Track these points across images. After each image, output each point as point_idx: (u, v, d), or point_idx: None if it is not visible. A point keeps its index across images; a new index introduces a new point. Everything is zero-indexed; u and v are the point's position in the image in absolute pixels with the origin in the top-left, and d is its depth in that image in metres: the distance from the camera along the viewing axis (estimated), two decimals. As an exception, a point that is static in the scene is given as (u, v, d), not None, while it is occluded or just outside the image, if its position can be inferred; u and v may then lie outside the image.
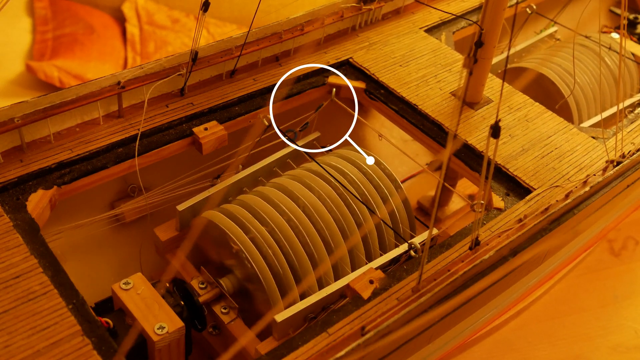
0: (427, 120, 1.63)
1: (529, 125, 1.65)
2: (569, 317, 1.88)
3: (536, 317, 1.87)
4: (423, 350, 1.38)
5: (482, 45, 1.55)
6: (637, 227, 2.15)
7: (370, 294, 1.23)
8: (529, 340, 1.82)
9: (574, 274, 2.00)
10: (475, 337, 1.72)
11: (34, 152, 1.40)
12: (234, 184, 1.53)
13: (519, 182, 1.50)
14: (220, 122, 1.54)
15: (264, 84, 1.65)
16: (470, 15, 2.00)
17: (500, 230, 1.38)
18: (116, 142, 1.45)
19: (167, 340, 1.18)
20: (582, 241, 1.79)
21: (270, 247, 1.34)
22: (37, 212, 1.30)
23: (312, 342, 1.15)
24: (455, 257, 1.31)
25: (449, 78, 1.75)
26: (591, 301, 1.93)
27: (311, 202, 1.42)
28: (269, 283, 1.32)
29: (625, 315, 1.90)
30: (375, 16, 1.90)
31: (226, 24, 2.78)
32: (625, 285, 1.99)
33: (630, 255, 2.07)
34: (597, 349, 1.81)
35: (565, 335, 1.84)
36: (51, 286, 1.15)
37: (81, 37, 2.52)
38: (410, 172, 2.08)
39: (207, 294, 1.37)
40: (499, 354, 1.77)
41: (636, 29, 2.46)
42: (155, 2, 2.76)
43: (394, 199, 1.49)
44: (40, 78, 2.35)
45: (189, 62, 1.55)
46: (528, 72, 1.99)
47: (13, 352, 1.05)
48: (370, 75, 1.72)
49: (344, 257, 1.42)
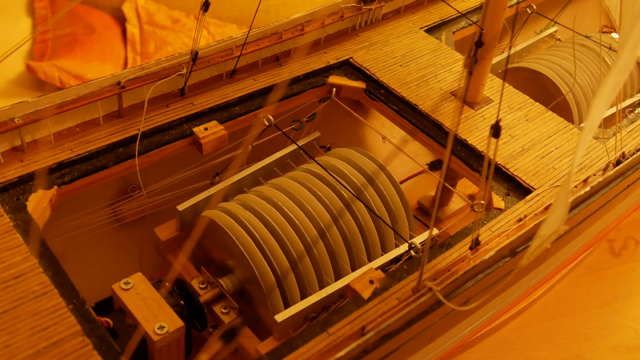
0: (427, 120, 1.63)
1: (529, 125, 1.65)
2: (569, 317, 1.88)
3: (536, 317, 1.87)
4: (423, 350, 1.38)
5: (482, 45, 1.55)
6: (637, 227, 2.15)
7: (370, 294, 1.23)
8: (529, 340, 1.82)
9: (574, 274, 2.00)
10: (475, 337, 1.72)
11: (34, 152, 1.40)
12: (234, 184, 1.53)
13: (519, 182, 1.50)
14: (221, 122, 1.54)
15: (264, 84, 1.65)
16: (471, 15, 2.00)
17: (500, 230, 1.38)
18: (116, 142, 1.45)
19: (167, 340, 1.18)
20: (582, 241, 1.79)
21: (271, 247, 1.34)
22: (37, 212, 1.30)
23: (312, 342, 1.15)
24: (455, 257, 1.31)
25: (449, 78, 1.76)
26: (591, 301, 1.93)
27: (311, 202, 1.42)
28: (268, 283, 1.32)
29: (625, 315, 1.90)
30: (376, 16, 1.90)
31: (226, 24, 2.78)
32: (625, 285, 1.98)
33: (631, 255, 2.07)
34: (597, 349, 1.81)
35: (565, 335, 1.84)
36: (51, 286, 1.15)
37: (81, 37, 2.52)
38: (411, 172, 2.08)
39: (207, 294, 1.37)
40: (499, 354, 1.77)
41: (636, 29, 2.46)
42: (155, 2, 2.76)
43: (393, 198, 1.49)
44: (41, 78, 2.35)
45: (189, 62, 1.55)
46: (528, 72, 1.99)
47: (13, 352, 1.05)
48: (371, 75, 1.72)
49: (344, 256, 1.42)
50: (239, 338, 1.31)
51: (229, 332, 1.02)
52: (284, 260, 1.34)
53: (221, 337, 1.00)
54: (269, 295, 1.32)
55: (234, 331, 1.06)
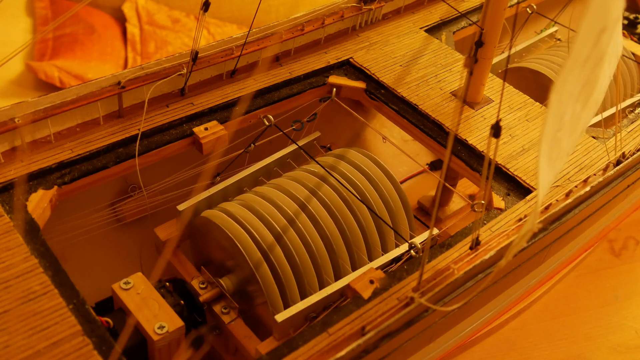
0: (427, 120, 1.63)
1: (529, 125, 1.65)
2: (569, 317, 1.88)
3: (536, 317, 1.87)
4: (423, 350, 1.38)
5: (482, 45, 1.55)
6: (637, 227, 2.15)
7: (370, 294, 1.23)
8: (529, 340, 1.82)
9: (574, 274, 2.00)
10: (475, 337, 1.72)
11: (34, 152, 1.40)
12: (234, 184, 1.53)
13: (519, 182, 1.50)
14: (221, 122, 1.54)
15: (264, 84, 1.65)
16: (471, 15, 2.00)
17: (500, 230, 1.38)
18: (116, 142, 1.45)
19: (167, 340, 1.18)
20: (582, 241, 1.79)
21: (271, 247, 1.34)
22: (38, 212, 1.30)
23: (312, 342, 1.15)
24: (455, 257, 1.31)
25: (449, 78, 1.75)
26: (591, 301, 1.93)
27: (311, 202, 1.42)
28: (268, 283, 1.32)
29: (625, 315, 1.90)
30: (376, 16, 1.90)
31: (226, 24, 2.78)
32: (625, 285, 1.98)
33: (631, 255, 2.07)
34: (597, 349, 1.81)
35: (565, 335, 1.84)
36: (51, 286, 1.15)
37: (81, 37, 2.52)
38: (411, 172, 2.08)
39: (207, 294, 1.37)
40: (499, 354, 1.77)
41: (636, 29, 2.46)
42: (155, 2, 2.76)
43: (393, 198, 1.49)
44: (41, 78, 2.35)
45: (190, 62, 1.55)
46: (528, 72, 1.99)
47: (13, 352, 1.05)
48: (371, 75, 1.72)
49: (344, 256, 1.42)
50: (207, 344, 1.31)
51: (198, 339, 1.03)
52: (284, 260, 1.34)
53: (191, 344, 1.02)
54: (269, 295, 1.32)
55: (201, 338, 1.07)
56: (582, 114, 0.95)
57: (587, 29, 0.87)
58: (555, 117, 0.89)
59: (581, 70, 0.90)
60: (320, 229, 1.40)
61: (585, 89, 0.94)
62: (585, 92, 0.94)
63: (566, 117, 0.91)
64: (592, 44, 0.90)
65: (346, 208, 1.44)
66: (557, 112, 0.89)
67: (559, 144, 0.92)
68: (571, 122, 0.93)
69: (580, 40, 0.87)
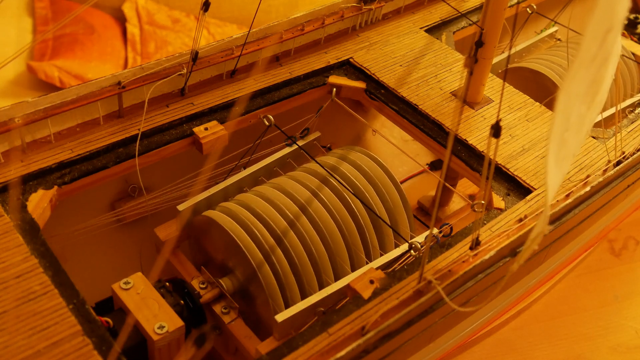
0: (427, 120, 1.63)
1: (529, 125, 1.65)
2: (569, 317, 1.88)
3: (536, 317, 1.87)
4: (423, 350, 1.38)
5: (482, 45, 1.55)
6: (637, 227, 2.15)
7: (370, 294, 1.23)
8: (529, 340, 1.82)
9: (574, 274, 2.00)
10: (475, 337, 1.72)
11: (34, 152, 1.40)
12: (235, 184, 1.53)
13: (519, 182, 1.50)
14: (221, 122, 1.54)
15: (264, 83, 1.65)
16: (471, 15, 2.00)
17: (500, 230, 1.38)
18: (116, 142, 1.45)
19: (167, 340, 1.18)
20: (582, 241, 1.79)
21: (271, 247, 1.34)
22: (38, 212, 1.30)
23: (312, 342, 1.15)
24: (455, 257, 1.31)
25: (449, 78, 1.76)
26: (591, 301, 1.93)
27: (311, 202, 1.42)
28: (268, 283, 1.32)
29: (625, 315, 1.90)
30: (376, 16, 1.90)
31: (226, 24, 2.78)
32: (625, 285, 1.99)
33: (631, 255, 2.07)
34: (597, 349, 1.81)
35: (565, 335, 1.84)
36: (51, 286, 1.15)
37: (82, 37, 2.52)
38: (411, 172, 2.08)
39: (207, 294, 1.37)
40: (499, 354, 1.77)
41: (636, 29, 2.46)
42: (155, 2, 2.76)
43: (393, 198, 1.49)
44: (41, 78, 2.35)
45: (190, 62, 1.55)
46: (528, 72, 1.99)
47: (13, 352, 1.05)
48: (371, 75, 1.72)
49: (344, 257, 1.42)
50: (210, 342, 1.31)
51: (200, 337, 1.03)
52: (284, 260, 1.34)
53: (194, 341, 1.02)
54: (269, 295, 1.32)
55: (204, 336, 1.07)
56: (587, 114, 0.95)
57: (594, 28, 0.87)
58: (562, 117, 0.88)
59: (587, 70, 0.90)
60: (320, 229, 1.40)
61: (591, 89, 0.94)
62: (591, 92, 0.94)
63: (572, 117, 0.91)
64: (598, 44, 0.89)
65: (346, 208, 1.44)
66: (565, 112, 0.89)
67: (566, 144, 0.92)
68: (577, 122, 0.92)
69: (587, 40, 0.87)
